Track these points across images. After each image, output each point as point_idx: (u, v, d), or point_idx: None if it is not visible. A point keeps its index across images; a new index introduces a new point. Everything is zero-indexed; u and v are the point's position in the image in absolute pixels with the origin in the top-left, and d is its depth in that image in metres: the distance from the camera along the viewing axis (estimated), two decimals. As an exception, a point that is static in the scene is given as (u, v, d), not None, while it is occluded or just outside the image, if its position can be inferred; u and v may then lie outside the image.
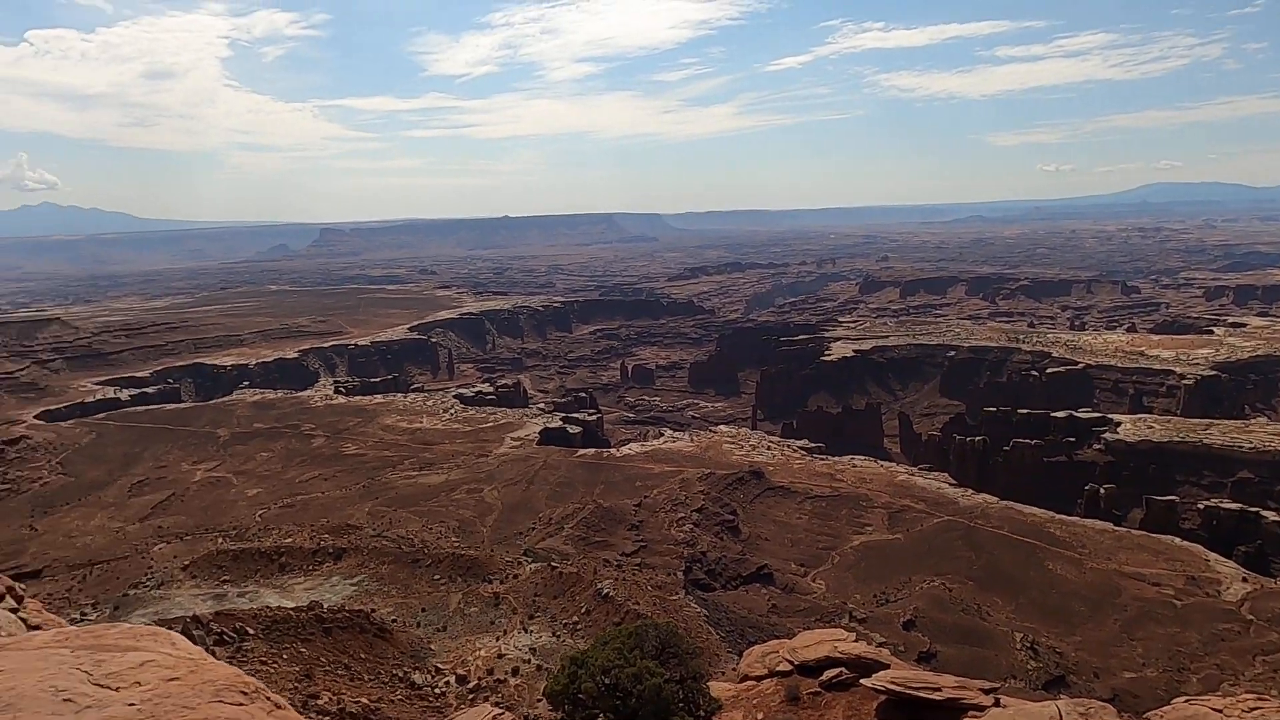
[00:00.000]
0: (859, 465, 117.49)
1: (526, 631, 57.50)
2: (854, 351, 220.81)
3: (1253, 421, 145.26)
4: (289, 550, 73.52)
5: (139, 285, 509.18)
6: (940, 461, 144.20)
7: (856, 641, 19.48)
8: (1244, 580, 79.31)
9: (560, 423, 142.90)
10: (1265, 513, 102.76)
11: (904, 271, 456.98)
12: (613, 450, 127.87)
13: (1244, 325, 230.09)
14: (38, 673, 8.25)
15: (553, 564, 71.21)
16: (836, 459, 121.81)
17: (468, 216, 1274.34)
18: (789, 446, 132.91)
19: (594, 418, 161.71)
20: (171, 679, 8.54)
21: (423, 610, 61.21)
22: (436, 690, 47.71)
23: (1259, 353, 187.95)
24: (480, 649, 54.63)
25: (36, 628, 13.40)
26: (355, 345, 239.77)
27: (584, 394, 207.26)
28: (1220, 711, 12.19)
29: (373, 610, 57.95)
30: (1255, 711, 11.81)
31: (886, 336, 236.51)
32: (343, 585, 66.97)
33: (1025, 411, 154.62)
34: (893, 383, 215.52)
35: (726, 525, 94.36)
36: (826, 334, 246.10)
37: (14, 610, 15.25)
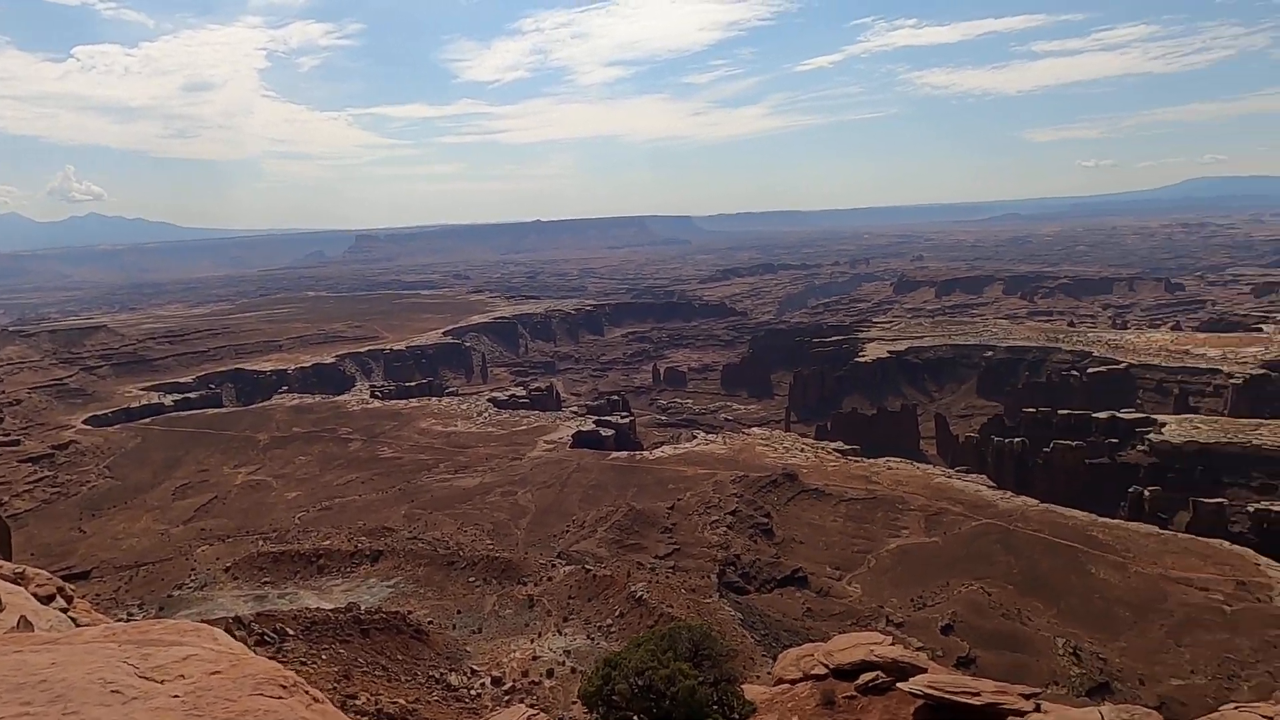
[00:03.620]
0: (894, 467, 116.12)
1: (561, 634, 57.73)
2: (888, 352, 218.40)
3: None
4: (327, 552, 74.70)
5: (181, 293, 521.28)
6: (978, 463, 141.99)
7: (893, 645, 19.25)
8: (1296, 585, 76.94)
9: (593, 426, 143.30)
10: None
11: (939, 271, 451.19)
12: (645, 453, 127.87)
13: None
14: (87, 665, 8.49)
15: (586, 567, 71.44)
16: (871, 461, 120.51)
17: (501, 221, 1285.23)
18: (823, 449, 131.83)
19: (626, 420, 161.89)
20: (213, 672, 8.73)
21: (458, 612, 61.78)
22: (472, 692, 48.10)
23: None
24: (515, 651, 54.97)
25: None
26: (390, 350, 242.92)
27: (616, 397, 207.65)
28: (1270, 719, 11.85)
29: (409, 612, 58.62)
30: (1308, 718, 11.46)
31: (921, 337, 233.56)
32: (380, 587, 67.85)
33: (1065, 412, 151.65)
34: (928, 384, 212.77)
35: (760, 528, 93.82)
36: (860, 335, 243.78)
37: (64, 610, 15.72)
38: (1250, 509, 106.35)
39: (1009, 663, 66.03)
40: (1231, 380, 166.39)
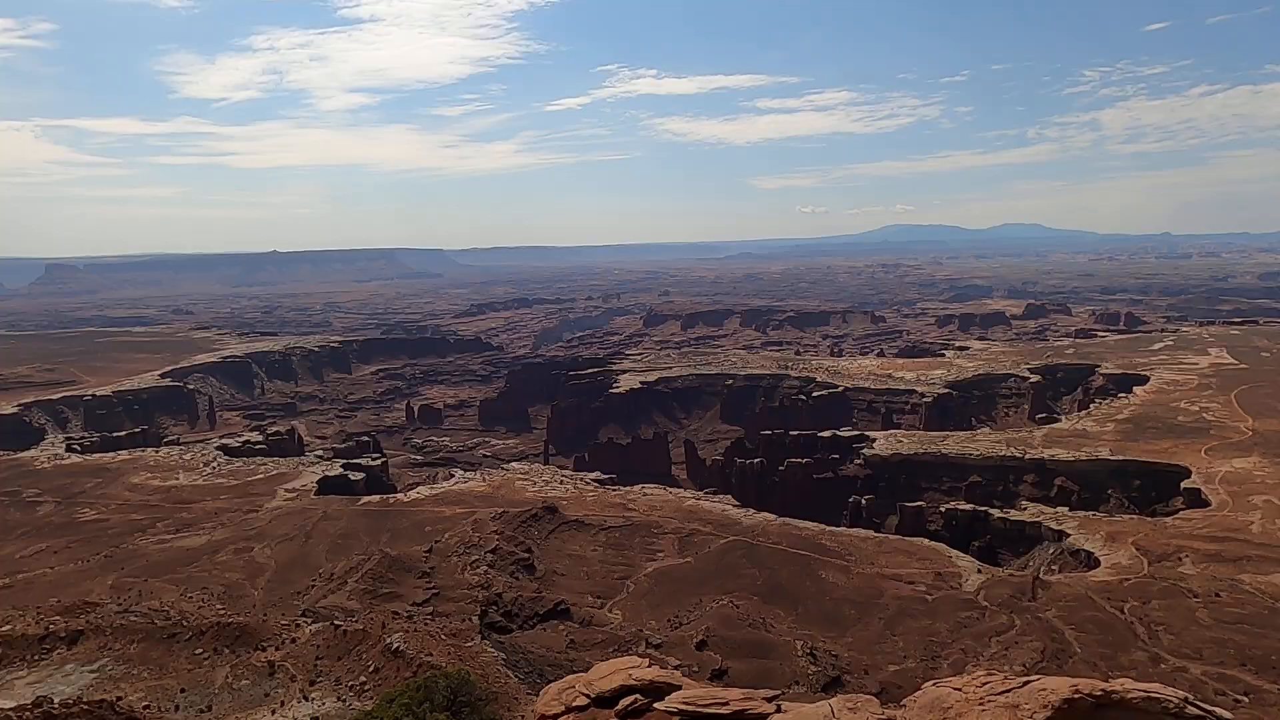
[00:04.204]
0: (649, 494, 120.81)
1: (307, 699, 52.86)
2: (640, 383, 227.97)
3: (978, 431, 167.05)
4: (7, 640, 62.59)
5: None
6: (724, 484, 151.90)
7: (650, 667, 19.82)
8: (979, 572, 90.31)
9: (341, 470, 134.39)
10: (991, 511, 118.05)
11: (684, 305, 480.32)
12: (400, 495, 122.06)
13: (967, 348, 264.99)
14: None
15: (336, 623, 66.24)
16: (628, 489, 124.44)
17: (231, 251, 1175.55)
18: (582, 479, 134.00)
19: (378, 462, 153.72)
20: None
21: (182, 691, 54.41)
22: (200, 780, 42.36)
23: (980, 371, 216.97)
24: (252, 726, 49.37)
25: None
26: (93, 395, 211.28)
27: (366, 438, 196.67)
28: (960, 689, 13.74)
29: (119, 698, 50.57)
30: (986, 685, 13.44)
31: (670, 368, 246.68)
32: (79, 673, 57.98)
33: (796, 433, 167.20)
34: (678, 412, 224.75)
35: (522, 564, 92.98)
36: (614, 367, 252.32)
37: None
38: (942, 509, 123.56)
39: (757, 669, 70.69)
40: (924, 399, 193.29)
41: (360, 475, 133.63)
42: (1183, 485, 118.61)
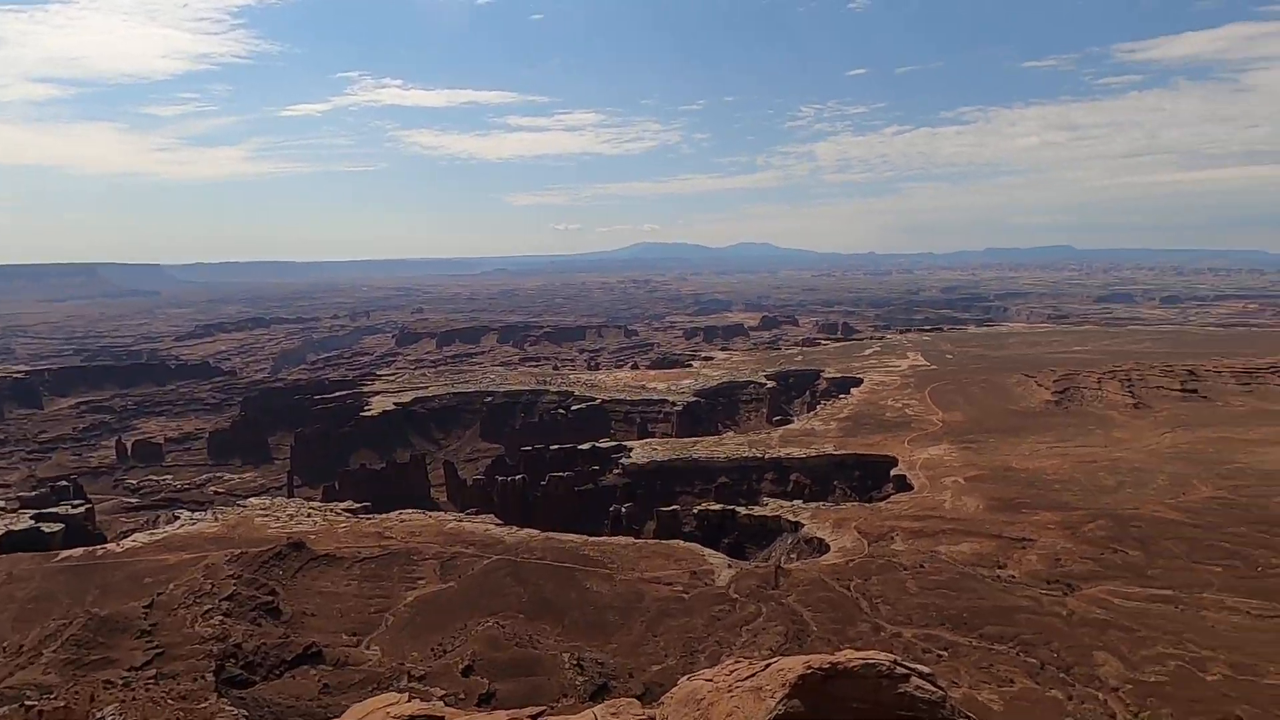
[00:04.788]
0: (408, 519, 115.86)
1: (-11, 801, 44.27)
2: (394, 405, 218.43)
3: (725, 436, 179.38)
4: None
5: None
6: (487, 504, 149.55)
7: (411, 702, 18.93)
8: (729, 567, 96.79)
9: (31, 522, 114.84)
10: (738, 509, 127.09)
11: (439, 323, 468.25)
12: (111, 546, 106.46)
13: (712, 358, 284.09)
14: None
15: (28, 703, 56.26)
16: (385, 516, 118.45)
17: None
18: (332, 510, 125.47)
19: (80, 510, 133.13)
20: None
21: None
22: None
23: (724, 380, 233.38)
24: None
25: None
26: None
27: (65, 482, 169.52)
28: (711, 680, 14.62)
29: None
30: (734, 673, 14.41)
31: (426, 387, 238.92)
32: None
33: (556, 447, 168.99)
34: (436, 432, 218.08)
35: (265, 608, 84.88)
36: (365, 389, 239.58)
37: None
38: (695, 511, 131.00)
39: (526, 687, 70.19)
40: (675, 408, 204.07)
41: (57, 526, 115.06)
42: (892, 473, 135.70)
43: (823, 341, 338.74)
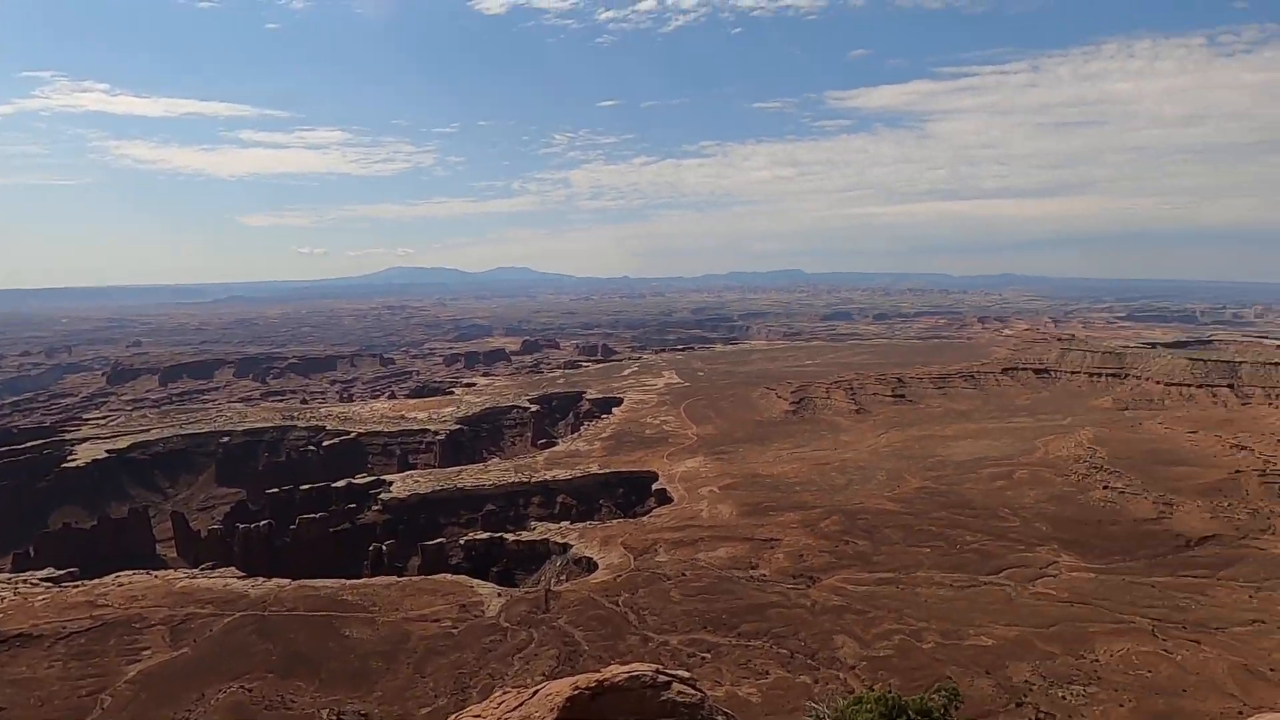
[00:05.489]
0: (127, 583, 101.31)
1: None
2: (108, 452, 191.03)
3: (490, 463, 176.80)
4: None
5: None
6: (226, 556, 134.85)
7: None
8: (499, 595, 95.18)
9: None
10: (506, 536, 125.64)
11: (162, 357, 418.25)
12: None
13: (475, 385, 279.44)
14: None
15: None
16: (98, 581, 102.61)
17: None
18: (27, 581, 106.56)
19: None
20: None
21: None
22: None
23: (487, 406, 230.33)
24: None
25: None
26: None
27: None
28: (479, 716, 14.18)
29: None
30: (501, 704, 14.10)
31: (148, 430, 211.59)
32: None
33: (307, 486, 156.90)
34: (161, 480, 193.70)
35: (-67, 709, 69.98)
36: (68, 436, 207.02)
37: None
38: (462, 541, 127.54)
39: (277, 755, 63.86)
40: (437, 437, 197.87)
41: None
42: (654, 487, 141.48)
43: (584, 364, 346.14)
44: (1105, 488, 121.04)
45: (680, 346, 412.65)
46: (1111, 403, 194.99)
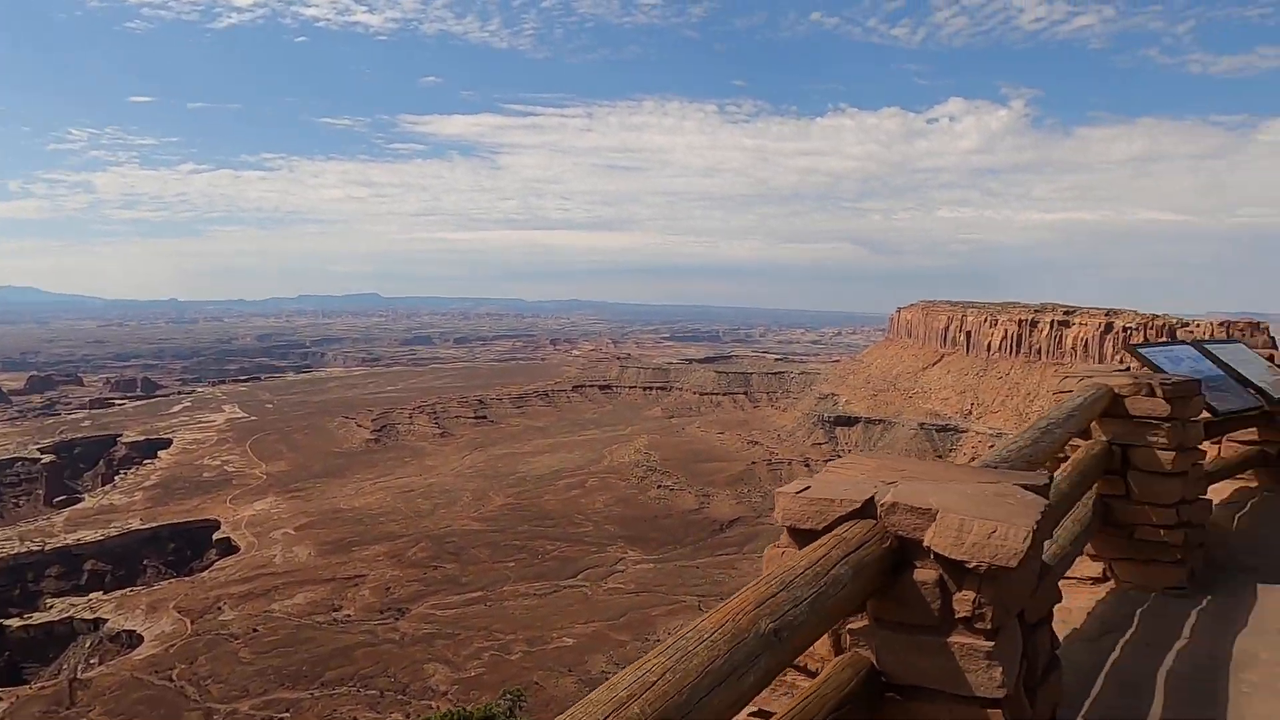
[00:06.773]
0: None
1: None
2: None
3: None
4: None
5: None
6: None
7: None
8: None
9: None
10: (9, 622, 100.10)
11: None
12: None
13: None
14: None
15: None
16: None
17: None
18: None
19: None
20: None
21: None
22: None
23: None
24: None
25: None
26: None
27: None
28: None
29: None
30: None
31: None
32: None
33: None
34: None
35: None
36: None
37: None
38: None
39: None
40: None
41: None
42: (215, 537, 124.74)
43: (118, 401, 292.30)
44: (659, 486, 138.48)
45: (244, 377, 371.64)
46: (661, 412, 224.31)
